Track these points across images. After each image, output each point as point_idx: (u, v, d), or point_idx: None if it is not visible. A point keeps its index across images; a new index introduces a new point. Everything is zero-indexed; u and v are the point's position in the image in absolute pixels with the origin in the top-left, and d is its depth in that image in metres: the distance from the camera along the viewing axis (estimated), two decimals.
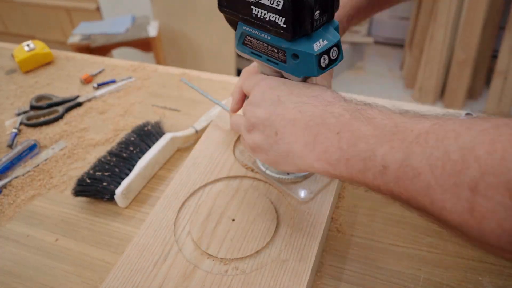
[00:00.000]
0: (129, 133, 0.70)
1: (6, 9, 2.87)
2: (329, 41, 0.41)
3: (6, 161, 0.69)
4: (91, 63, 0.99)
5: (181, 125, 0.75)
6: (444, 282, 0.47)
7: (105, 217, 0.60)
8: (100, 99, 0.86)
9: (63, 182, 0.67)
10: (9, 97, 0.89)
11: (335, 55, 0.42)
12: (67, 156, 0.72)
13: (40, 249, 0.56)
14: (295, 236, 0.50)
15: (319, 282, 0.49)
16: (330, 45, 0.41)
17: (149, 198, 0.63)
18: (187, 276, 0.47)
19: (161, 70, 0.94)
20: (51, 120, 0.80)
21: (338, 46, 0.42)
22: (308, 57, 0.41)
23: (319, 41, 0.41)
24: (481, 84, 2.26)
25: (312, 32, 0.41)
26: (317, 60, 0.40)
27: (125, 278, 0.47)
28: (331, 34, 0.41)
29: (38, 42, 1.01)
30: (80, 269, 0.53)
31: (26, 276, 0.53)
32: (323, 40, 0.41)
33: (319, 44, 0.41)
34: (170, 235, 0.52)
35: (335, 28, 0.43)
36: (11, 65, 1.01)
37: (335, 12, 0.42)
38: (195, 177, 0.59)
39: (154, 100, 0.84)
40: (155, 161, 0.65)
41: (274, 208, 0.54)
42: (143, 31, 2.09)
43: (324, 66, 0.41)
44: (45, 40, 1.10)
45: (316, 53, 0.40)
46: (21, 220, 0.61)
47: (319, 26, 0.41)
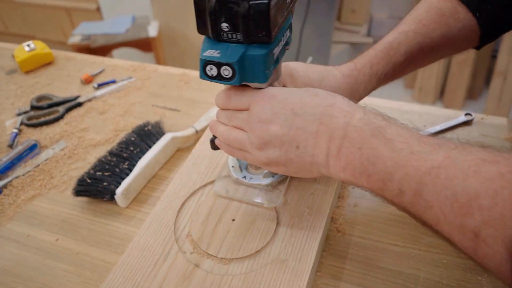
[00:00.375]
0: (129, 133, 0.70)
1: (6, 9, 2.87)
2: (221, 56, 0.39)
3: (6, 161, 0.69)
4: (91, 63, 0.99)
5: (181, 125, 0.75)
6: (444, 281, 0.47)
7: (106, 217, 0.60)
8: (100, 99, 0.86)
9: (64, 182, 0.67)
10: (10, 97, 0.89)
11: (227, 74, 0.40)
12: (68, 156, 0.72)
13: (40, 249, 0.56)
14: (295, 236, 0.50)
15: (319, 282, 0.49)
16: (219, 60, 0.39)
17: (149, 198, 0.63)
18: (187, 276, 0.47)
19: (161, 70, 0.95)
20: (52, 120, 0.80)
21: (232, 68, 0.39)
22: None
23: (214, 51, 0.40)
24: (480, 84, 2.26)
25: (219, 42, 0.40)
26: (202, 63, 0.40)
27: (125, 278, 0.47)
28: (234, 54, 0.39)
29: (39, 42, 1.01)
30: (80, 269, 0.53)
31: (26, 276, 0.53)
32: (218, 52, 0.40)
33: (212, 52, 0.40)
34: (170, 235, 0.52)
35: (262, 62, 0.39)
36: (12, 65, 1.01)
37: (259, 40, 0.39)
38: (195, 177, 0.59)
39: (154, 100, 0.84)
40: (155, 161, 0.65)
41: (274, 208, 0.54)
42: (143, 31, 2.09)
43: (210, 76, 0.41)
44: (45, 40, 1.10)
45: (201, 56, 0.40)
46: (21, 220, 0.61)
47: (230, 40, 0.39)
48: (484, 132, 0.70)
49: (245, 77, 0.41)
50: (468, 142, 0.34)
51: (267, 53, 0.39)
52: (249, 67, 0.40)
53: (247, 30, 0.38)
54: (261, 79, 0.41)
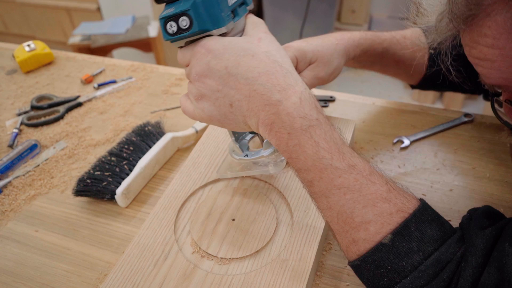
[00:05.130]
0: (129, 133, 0.70)
1: (7, 9, 2.87)
2: (176, 9, 0.41)
3: (7, 161, 0.69)
4: (91, 63, 0.99)
5: (181, 125, 0.76)
6: None
7: (106, 217, 0.60)
8: (100, 99, 0.86)
9: (64, 182, 0.67)
10: (10, 97, 0.89)
11: (185, 24, 0.42)
12: (68, 156, 0.72)
13: (40, 249, 0.56)
14: (295, 236, 0.50)
15: (319, 282, 0.49)
16: (174, 13, 0.41)
17: (149, 198, 0.63)
18: (187, 276, 0.47)
19: (161, 70, 0.95)
20: (52, 120, 0.80)
21: (188, 16, 0.41)
22: None
23: (170, 9, 0.42)
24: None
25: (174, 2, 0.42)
26: (162, 23, 0.42)
27: (125, 278, 0.47)
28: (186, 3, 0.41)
29: (39, 42, 1.01)
30: (80, 269, 0.53)
31: (26, 276, 0.53)
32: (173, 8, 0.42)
33: (168, 11, 0.42)
34: (170, 235, 0.52)
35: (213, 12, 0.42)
36: (12, 65, 1.01)
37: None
38: (195, 177, 0.59)
39: (154, 100, 0.84)
40: (155, 161, 0.65)
41: (274, 208, 0.54)
42: (143, 31, 2.10)
43: (172, 33, 0.42)
44: (45, 40, 1.10)
45: (159, 17, 0.42)
46: (22, 220, 0.61)
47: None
48: (484, 132, 0.70)
49: (203, 23, 0.42)
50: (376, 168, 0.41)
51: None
52: (204, 12, 0.41)
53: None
54: (219, 22, 0.42)
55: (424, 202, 0.40)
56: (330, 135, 0.41)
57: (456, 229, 0.40)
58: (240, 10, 0.46)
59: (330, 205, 0.40)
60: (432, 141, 0.69)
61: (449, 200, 0.59)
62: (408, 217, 0.38)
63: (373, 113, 0.76)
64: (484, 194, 0.59)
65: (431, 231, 0.38)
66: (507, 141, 0.68)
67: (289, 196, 0.55)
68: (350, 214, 0.39)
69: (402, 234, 0.38)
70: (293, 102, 0.40)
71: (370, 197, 0.39)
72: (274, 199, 0.55)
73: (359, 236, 0.39)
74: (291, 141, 0.41)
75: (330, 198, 0.40)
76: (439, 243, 0.38)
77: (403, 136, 0.70)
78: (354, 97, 0.81)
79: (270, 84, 0.41)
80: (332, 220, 0.41)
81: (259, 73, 0.41)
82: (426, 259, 0.37)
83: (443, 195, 0.59)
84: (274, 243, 0.50)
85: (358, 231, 0.39)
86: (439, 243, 0.38)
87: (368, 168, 0.40)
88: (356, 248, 0.39)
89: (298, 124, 0.40)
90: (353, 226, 0.39)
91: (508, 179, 0.61)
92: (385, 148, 0.68)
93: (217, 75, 0.42)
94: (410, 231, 0.38)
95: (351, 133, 0.64)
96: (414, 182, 0.62)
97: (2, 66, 1.01)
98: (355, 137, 0.70)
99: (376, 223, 0.38)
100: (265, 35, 0.45)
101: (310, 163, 0.40)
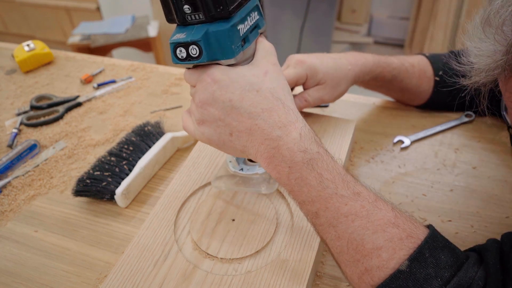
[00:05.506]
0: (129, 133, 0.70)
1: (6, 9, 2.87)
2: (187, 36, 0.41)
3: (6, 161, 0.69)
4: (91, 63, 0.99)
5: (181, 125, 0.75)
6: None
7: (105, 217, 0.60)
8: (100, 99, 0.86)
9: (63, 182, 0.67)
10: (9, 97, 0.89)
11: (195, 53, 0.42)
12: (67, 156, 0.72)
13: (40, 249, 0.56)
14: (295, 236, 0.50)
15: (319, 283, 0.49)
16: (185, 40, 0.41)
17: (149, 198, 0.63)
18: (187, 276, 0.47)
19: (161, 70, 0.94)
20: (51, 120, 0.80)
21: (198, 45, 0.41)
22: None
23: (181, 34, 0.42)
24: None
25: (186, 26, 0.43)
26: (172, 47, 0.42)
27: (125, 278, 0.47)
28: (198, 33, 0.41)
29: (38, 42, 1.01)
30: (80, 269, 0.53)
31: (26, 276, 0.53)
32: (184, 34, 0.42)
33: (179, 36, 0.42)
34: (170, 235, 0.52)
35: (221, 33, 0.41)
36: (11, 65, 1.01)
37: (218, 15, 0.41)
38: (195, 177, 0.59)
39: (154, 100, 0.84)
40: (155, 161, 0.65)
41: (274, 208, 0.54)
42: (143, 31, 2.09)
43: (181, 58, 0.43)
44: (45, 40, 1.10)
45: (170, 41, 0.42)
46: (21, 220, 0.61)
47: (194, 22, 0.42)
48: (484, 132, 0.70)
49: (213, 54, 0.42)
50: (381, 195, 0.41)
51: (229, 28, 0.41)
52: (215, 44, 0.41)
53: (205, 7, 0.40)
54: (229, 54, 0.42)
55: (433, 228, 0.40)
56: (332, 166, 0.41)
57: (468, 254, 0.40)
58: (251, 35, 0.45)
59: (339, 235, 0.40)
60: (432, 141, 0.69)
61: (449, 201, 0.59)
62: (421, 243, 0.38)
63: (374, 113, 0.76)
64: (484, 194, 0.59)
65: (444, 257, 0.38)
66: (508, 141, 0.68)
67: (289, 196, 0.55)
68: (361, 241, 0.38)
69: (418, 260, 0.37)
70: (293, 137, 0.41)
71: (378, 222, 0.38)
72: (274, 200, 0.55)
73: (372, 263, 0.38)
74: (292, 175, 0.41)
75: (338, 227, 0.40)
76: (455, 269, 0.37)
77: (404, 136, 0.69)
78: (354, 97, 0.81)
79: (271, 120, 0.42)
80: (342, 250, 0.40)
81: (262, 109, 0.42)
82: (445, 285, 0.36)
83: (444, 195, 0.59)
84: (274, 243, 0.50)
85: (370, 258, 0.38)
86: (455, 269, 0.37)
87: (373, 195, 0.40)
88: (370, 278, 0.38)
89: (299, 158, 0.41)
90: (364, 254, 0.38)
91: (509, 179, 0.61)
92: (385, 148, 0.68)
93: (220, 105, 0.43)
94: (425, 257, 0.37)
95: (351, 133, 0.64)
96: (415, 182, 0.62)
97: (2, 66, 1.01)
98: (355, 137, 0.70)
99: (388, 248, 0.38)
100: (272, 67, 0.45)
101: (315, 193, 0.40)
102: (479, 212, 0.56)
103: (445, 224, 0.54)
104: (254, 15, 0.45)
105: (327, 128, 0.65)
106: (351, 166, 0.65)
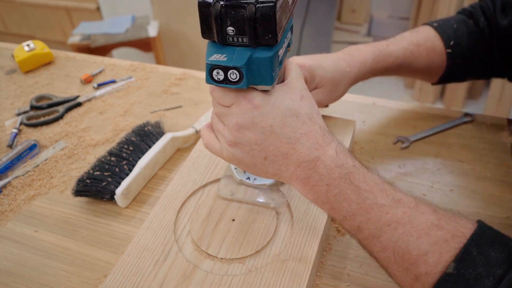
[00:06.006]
0: (129, 133, 0.70)
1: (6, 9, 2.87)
2: (227, 60, 0.39)
3: (6, 161, 0.69)
4: (91, 63, 0.99)
5: (181, 125, 0.75)
6: None
7: (105, 217, 0.60)
8: (100, 99, 0.86)
9: (63, 182, 0.67)
10: (9, 97, 0.89)
11: (234, 77, 0.40)
12: (67, 156, 0.72)
13: (40, 249, 0.56)
14: (295, 236, 0.50)
15: (319, 282, 0.49)
16: (226, 64, 0.39)
17: (149, 198, 0.63)
18: (187, 276, 0.47)
19: (161, 70, 0.94)
20: (51, 120, 0.80)
21: (239, 71, 0.39)
22: None
23: (220, 55, 0.40)
24: (481, 84, 2.26)
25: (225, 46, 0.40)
26: (208, 68, 0.40)
27: (125, 278, 0.47)
28: (241, 58, 0.39)
29: (38, 42, 1.01)
30: (80, 269, 0.53)
31: (26, 276, 0.53)
32: (224, 57, 0.39)
33: (218, 57, 0.39)
34: (170, 235, 0.52)
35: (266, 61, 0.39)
36: (11, 65, 1.01)
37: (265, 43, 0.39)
38: (195, 177, 0.59)
39: (154, 100, 0.84)
40: (155, 161, 0.65)
41: (274, 208, 0.54)
42: (143, 31, 2.09)
43: (217, 80, 0.40)
44: (45, 40, 1.10)
45: (207, 61, 0.40)
46: (21, 220, 0.61)
47: (236, 44, 0.39)
48: (484, 132, 0.70)
49: (253, 80, 0.40)
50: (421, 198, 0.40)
51: (273, 55, 0.39)
52: (256, 70, 0.40)
53: (253, 33, 0.38)
54: (268, 81, 0.41)
55: (482, 223, 0.38)
56: (369, 177, 0.41)
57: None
58: (283, 55, 0.43)
59: (384, 245, 0.39)
60: (432, 141, 0.69)
61: (449, 200, 0.59)
62: (467, 241, 0.36)
63: (374, 113, 0.76)
64: (484, 194, 0.59)
65: (494, 253, 0.36)
66: (508, 141, 0.68)
67: (289, 196, 0.55)
68: (406, 249, 0.38)
69: (465, 260, 0.36)
70: (330, 155, 0.41)
71: (422, 227, 0.38)
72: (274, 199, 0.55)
73: (420, 270, 0.37)
74: (331, 192, 0.41)
75: (382, 237, 0.39)
76: (508, 265, 0.35)
77: (404, 136, 0.69)
78: (354, 97, 0.81)
79: (309, 143, 0.42)
80: (390, 261, 0.39)
81: (301, 133, 0.42)
82: (498, 283, 0.35)
83: (444, 195, 0.59)
84: (274, 243, 0.50)
85: (418, 265, 0.37)
86: (508, 265, 0.35)
87: (413, 200, 0.40)
88: (421, 285, 0.37)
89: (337, 174, 0.41)
90: (411, 261, 0.38)
91: (509, 179, 0.61)
92: (385, 148, 0.68)
93: (259, 131, 0.42)
94: (472, 256, 0.36)
95: (351, 133, 0.64)
96: (415, 182, 0.62)
97: (2, 66, 1.01)
98: (355, 137, 0.70)
99: (433, 252, 0.37)
100: (306, 92, 0.45)
101: (355, 207, 0.40)
102: (479, 212, 0.56)
103: None
104: (289, 35, 0.44)
105: None
106: None
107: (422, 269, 0.37)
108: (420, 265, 0.37)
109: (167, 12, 2.24)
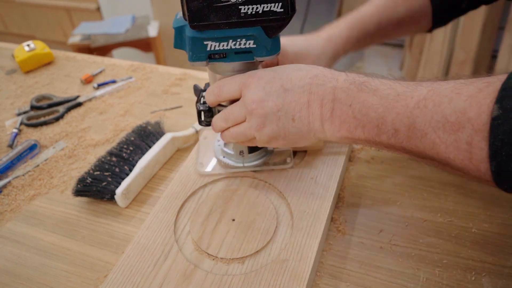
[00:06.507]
0: (129, 133, 0.70)
1: (6, 9, 2.87)
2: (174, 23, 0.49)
3: (6, 161, 0.69)
4: (91, 63, 0.99)
5: (181, 125, 0.75)
6: (444, 282, 0.47)
7: (105, 217, 0.60)
8: (100, 99, 0.86)
9: (63, 182, 0.67)
10: (10, 97, 0.89)
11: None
12: (67, 156, 0.72)
13: (40, 249, 0.56)
14: (295, 236, 0.50)
15: (319, 282, 0.49)
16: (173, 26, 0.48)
17: (149, 198, 0.63)
18: (187, 276, 0.47)
19: (161, 70, 0.94)
20: (52, 120, 0.80)
21: None
22: None
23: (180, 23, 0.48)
24: None
25: None
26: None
27: (125, 278, 0.47)
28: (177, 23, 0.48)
29: (39, 42, 1.01)
30: (80, 269, 0.53)
31: (26, 276, 0.53)
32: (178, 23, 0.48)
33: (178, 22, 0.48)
34: (170, 235, 0.52)
35: None
36: (12, 65, 1.01)
37: None
38: (195, 177, 0.59)
39: (154, 100, 0.84)
40: (155, 161, 0.65)
41: (274, 208, 0.54)
42: (143, 31, 2.09)
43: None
44: (45, 40, 1.10)
45: None
46: (21, 220, 0.61)
47: None
48: None
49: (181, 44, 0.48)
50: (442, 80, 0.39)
51: (191, 37, 0.45)
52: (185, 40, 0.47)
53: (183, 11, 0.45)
54: (188, 55, 0.47)
55: None
56: (384, 80, 0.42)
57: None
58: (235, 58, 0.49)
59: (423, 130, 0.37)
60: None
61: (449, 200, 0.59)
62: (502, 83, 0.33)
63: None
64: (483, 193, 0.59)
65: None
66: None
67: (289, 196, 0.55)
68: (444, 118, 0.35)
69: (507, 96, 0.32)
70: (343, 79, 0.44)
71: (449, 91, 0.35)
72: (274, 199, 0.55)
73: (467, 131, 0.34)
74: (355, 109, 0.42)
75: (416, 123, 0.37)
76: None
77: None
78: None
79: (321, 81, 0.45)
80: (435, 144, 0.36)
81: (311, 77, 0.45)
82: None
83: (444, 195, 0.59)
84: (274, 243, 0.50)
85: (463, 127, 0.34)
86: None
87: (433, 79, 0.39)
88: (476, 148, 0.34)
89: (354, 90, 0.42)
90: (455, 128, 0.34)
91: None
92: None
93: (274, 95, 0.45)
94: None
95: None
96: None
97: (2, 66, 1.01)
98: None
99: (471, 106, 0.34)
100: None
101: (381, 109, 0.40)
102: (479, 212, 0.56)
103: (445, 224, 0.54)
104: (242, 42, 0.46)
105: None
106: (351, 166, 0.65)
107: (468, 129, 0.34)
108: (465, 126, 0.34)
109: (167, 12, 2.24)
